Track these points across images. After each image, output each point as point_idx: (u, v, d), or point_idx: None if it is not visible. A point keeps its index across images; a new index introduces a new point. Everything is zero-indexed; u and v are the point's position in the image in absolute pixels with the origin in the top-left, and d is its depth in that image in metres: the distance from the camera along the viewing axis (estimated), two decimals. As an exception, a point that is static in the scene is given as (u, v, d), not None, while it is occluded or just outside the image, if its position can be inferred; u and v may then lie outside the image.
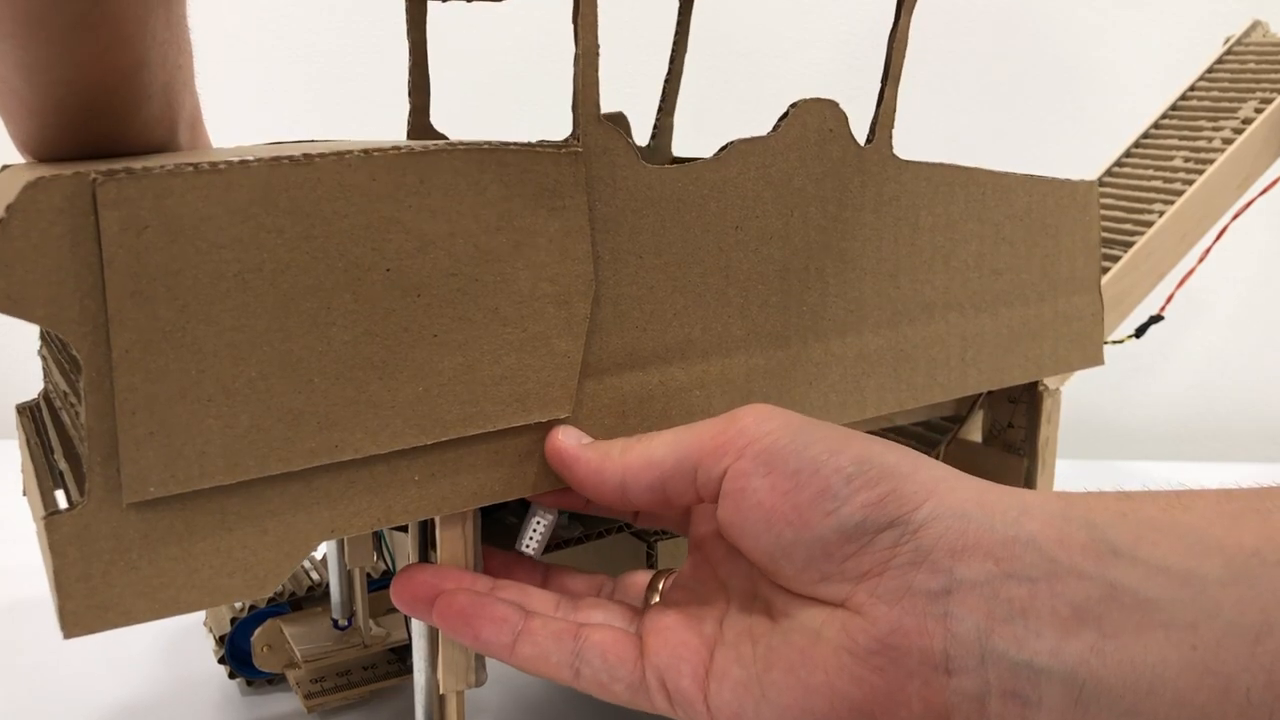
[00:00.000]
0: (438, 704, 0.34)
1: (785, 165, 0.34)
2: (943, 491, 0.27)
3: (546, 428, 0.31)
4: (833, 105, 0.35)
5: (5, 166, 0.34)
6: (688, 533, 0.34)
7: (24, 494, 0.36)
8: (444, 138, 0.46)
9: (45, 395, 0.37)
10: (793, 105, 0.34)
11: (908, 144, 0.38)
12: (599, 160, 0.31)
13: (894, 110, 0.37)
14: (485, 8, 0.44)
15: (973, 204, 0.39)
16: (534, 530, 0.33)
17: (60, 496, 0.31)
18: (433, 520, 0.31)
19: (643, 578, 0.34)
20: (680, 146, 0.53)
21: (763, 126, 0.34)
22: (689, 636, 0.30)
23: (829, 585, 0.28)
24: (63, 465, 0.31)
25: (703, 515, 0.33)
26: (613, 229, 0.31)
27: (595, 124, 0.30)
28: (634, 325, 0.32)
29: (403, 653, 0.45)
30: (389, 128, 0.48)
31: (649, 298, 0.32)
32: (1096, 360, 0.46)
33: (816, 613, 0.28)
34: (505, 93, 0.86)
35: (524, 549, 0.33)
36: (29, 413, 0.37)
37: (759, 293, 0.35)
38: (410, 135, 0.46)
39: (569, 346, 0.31)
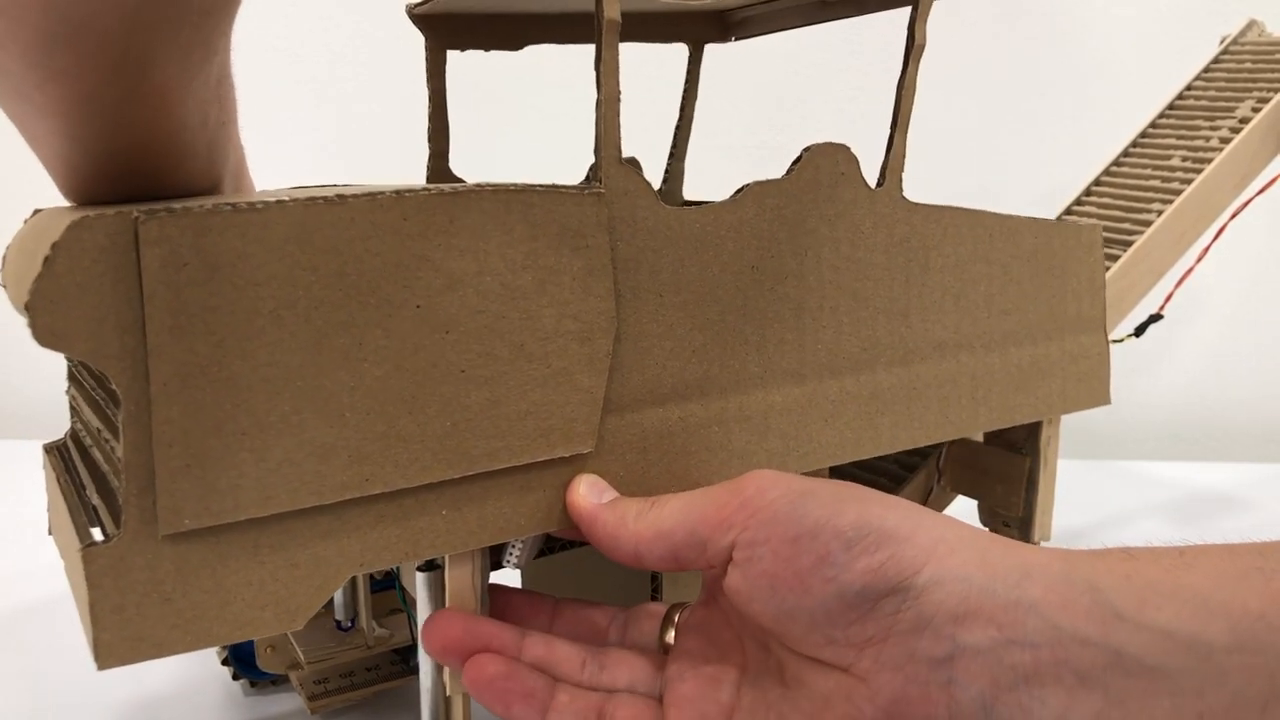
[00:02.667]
0: (443, 707, 0.34)
1: (799, 207, 0.35)
2: (943, 553, 0.27)
3: (571, 462, 0.32)
4: (844, 149, 0.36)
5: (36, 211, 0.35)
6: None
7: (49, 533, 0.36)
8: (463, 182, 0.47)
9: (73, 435, 0.38)
10: (805, 149, 0.35)
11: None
12: (620, 201, 0.32)
13: (904, 155, 0.38)
14: (503, 54, 0.45)
15: (981, 245, 0.40)
16: (514, 546, 0.34)
17: (97, 534, 0.31)
18: (442, 560, 0.32)
19: (656, 610, 0.34)
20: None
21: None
22: (708, 707, 0.30)
23: (834, 650, 0.28)
24: (96, 501, 0.31)
25: None
26: (633, 268, 0.32)
27: (616, 166, 0.31)
28: (654, 362, 0.33)
29: (406, 654, 0.45)
30: (409, 173, 0.49)
31: (669, 335, 0.33)
32: (1103, 399, 0.46)
33: (825, 678, 0.28)
34: (521, 134, 0.87)
35: (507, 563, 0.34)
36: (57, 452, 0.37)
37: (775, 331, 0.35)
38: (430, 180, 0.47)
39: (592, 382, 0.31)
